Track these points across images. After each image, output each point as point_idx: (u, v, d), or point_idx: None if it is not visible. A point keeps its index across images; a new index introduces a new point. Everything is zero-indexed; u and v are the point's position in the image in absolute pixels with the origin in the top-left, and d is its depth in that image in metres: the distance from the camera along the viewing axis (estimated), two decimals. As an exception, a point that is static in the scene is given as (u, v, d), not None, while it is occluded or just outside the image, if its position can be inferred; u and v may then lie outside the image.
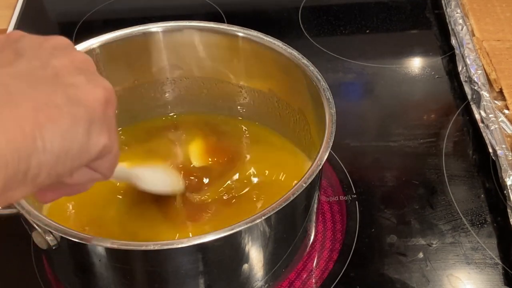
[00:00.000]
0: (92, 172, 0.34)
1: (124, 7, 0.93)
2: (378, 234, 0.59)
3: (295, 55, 0.55)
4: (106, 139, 0.32)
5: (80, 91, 0.31)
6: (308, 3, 0.91)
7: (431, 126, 0.72)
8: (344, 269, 0.56)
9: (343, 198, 0.62)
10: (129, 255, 0.44)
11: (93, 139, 0.31)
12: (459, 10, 0.81)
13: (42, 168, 0.28)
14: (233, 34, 0.58)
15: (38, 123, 0.28)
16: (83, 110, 0.30)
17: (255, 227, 0.44)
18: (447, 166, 0.66)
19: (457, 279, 0.55)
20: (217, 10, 0.88)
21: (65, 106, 0.29)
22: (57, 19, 0.93)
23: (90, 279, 0.48)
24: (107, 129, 0.32)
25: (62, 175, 0.30)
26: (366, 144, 0.69)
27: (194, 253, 0.44)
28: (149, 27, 0.58)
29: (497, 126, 0.64)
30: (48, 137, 0.28)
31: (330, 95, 0.51)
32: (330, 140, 0.47)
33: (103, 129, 0.32)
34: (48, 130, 0.28)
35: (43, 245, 0.43)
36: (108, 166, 0.34)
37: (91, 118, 0.30)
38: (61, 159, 0.29)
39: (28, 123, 0.27)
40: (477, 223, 0.60)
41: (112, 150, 0.33)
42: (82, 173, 0.34)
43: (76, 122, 0.29)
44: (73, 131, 0.29)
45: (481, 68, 0.72)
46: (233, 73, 0.61)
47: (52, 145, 0.28)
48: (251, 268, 0.48)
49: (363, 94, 0.78)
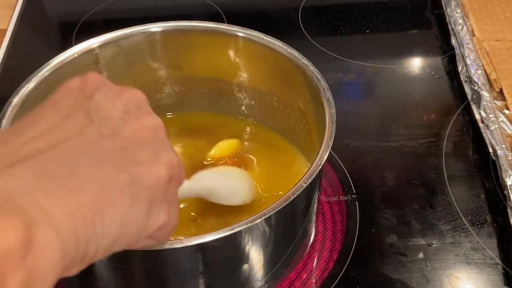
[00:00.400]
0: (148, 240, 0.34)
1: (124, 7, 0.93)
2: (378, 234, 0.59)
3: (295, 55, 0.55)
4: (166, 216, 0.32)
5: (144, 171, 0.30)
6: (308, 3, 0.91)
7: (431, 126, 0.72)
8: (344, 269, 0.56)
9: (343, 198, 0.62)
10: (129, 255, 0.44)
11: (152, 217, 0.31)
12: (459, 10, 0.81)
13: (99, 251, 0.28)
14: (233, 34, 0.58)
15: (99, 208, 0.27)
16: (145, 191, 0.30)
17: (255, 227, 0.44)
18: (447, 166, 0.66)
19: (457, 279, 0.55)
20: (217, 10, 0.88)
21: (128, 188, 0.29)
22: (57, 19, 0.93)
23: (90, 279, 0.48)
24: (167, 205, 0.32)
25: (118, 250, 0.30)
26: (366, 144, 0.69)
27: (194, 253, 0.44)
28: (149, 27, 0.58)
29: (497, 126, 0.64)
30: (108, 222, 0.28)
31: (330, 95, 0.51)
32: (330, 140, 0.47)
33: (163, 206, 0.31)
34: (109, 215, 0.28)
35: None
36: (164, 236, 0.34)
37: (152, 198, 0.30)
38: (118, 240, 0.29)
39: (90, 208, 0.27)
40: (477, 223, 0.60)
41: (171, 224, 0.33)
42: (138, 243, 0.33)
43: (137, 205, 0.29)
44: (133, 214, 0.29)
45: (481, 68, 0.72)
46: (233, 73, 0.61)
47: (111, 230, 0.28)
48: (251, 268, 0.48)
49: (363, 94, 0.78)
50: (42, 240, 0.24)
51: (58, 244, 0.25)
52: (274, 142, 0.63)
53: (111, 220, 0.28)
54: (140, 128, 0.32)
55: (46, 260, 0.25)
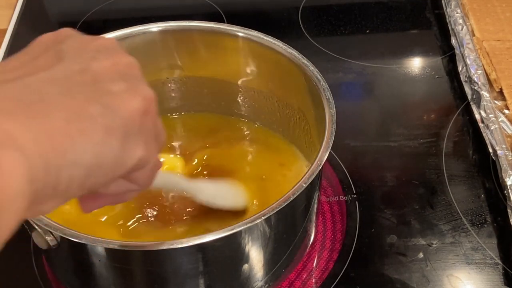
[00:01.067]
0: (128, 183, 0.33)
1: (124, 7, 0.93)
2: (378, 234, 0.59)
3: (295, 55, 0.55)
4: (143, 151, 0.30)
5: (117, 101, 0.29)
6: (308, 3, 0.91)
7: (431, 126, 0.72)
8: (344, 269, 0.56)
9: (343, 198, 0.62)
10: (129, 255, 0.44)
11: (128, 151, 0.29)
12: (459, 10, 0.81)
13: (72, 181, 0.27)
14: (233, 34, 0.58)
15: (69, 135, 0.26)
16: (119, 121, 0.28)
17: (255, 227, 0.44)
18: (447, 166, 0.66)
19: (457, 279, 0.55)
20: (217, 10, 0.88)
21: (100, 117, 0.28)
22: (57, 19, 0.93)
23: (90, 279, 0.48)
24: (144, 141, 0.30)
25: (95, 188, 0.29)
26: (366, 144, 0.69)
27: (194, 253, 0.44)
28: (149, 27, 0.58)
29: (497, 126, 0.64)
30: (80, 151, 0.26)
31: (330, 95, 0.51)
32: (330, 140, 0.47)
33: (139, 140, 0.30)
34: (80, 143, 0.27)
35: (43, 245, 0.43)
36: (145, 177, 0.33)
37: (126, 129, 0.29)
38: (93, 172, 0.28)
39: (59, 135, 0.26)
40: (477, 223, 0.60)
41: (149, 162, 0.32)
42: (118, 184, 0.32)
43: (110, 135, 0.28)
44: (106, 144, 0.28)
45: (481, 68, 0.72)
46: (233, 73, 0.61)
47: (83, 158, 0.27)
48: (251, 268, 0.48)
49: (363, 94, 0.78)
50: (5, 161, 0.23)
51: (25, 167, 0.24)
52: (274, 142, 0.63)
53: (83, 149, 0.27)
54: (113, 64, 0.31)
55: (13, 182, 0.23)
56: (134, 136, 0.29)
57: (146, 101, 0.30)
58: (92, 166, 0.27)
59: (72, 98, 0.27)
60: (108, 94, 0.29)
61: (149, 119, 0.31)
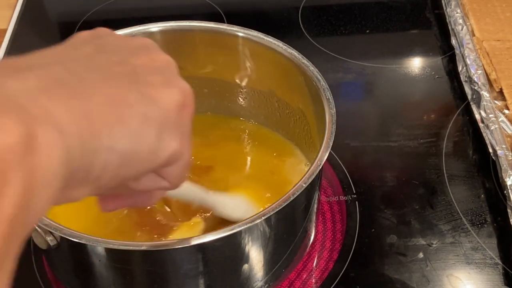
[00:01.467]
0: (160, 179, 0.32)
1: (124, 7, 0.93)
2: (378, 234, 0.59)
3: (295, 55, 0.55)
4: (178, 144, 0.30)
5: (156, 91, 0.29)
6: (308, 3, 0.91)
7: (431, 126, 0.72)
8: (344, 269, 0.56)
9: (343, 198, 0.62)
10: (129, 255, 0.44)
11: (164, 143, 0.29)
12: (459, 10, 0.81)
13: (107, 168, 0.27)
14: (233, 34, 0.58)
15: (107, 119, 0.26)
16: (156, 111, 0.28)
17: (255, 227, 0.44)
18: (447, 166, 0.66)
19: (457, 279, 0.55)
20: (217, 10, 0.88)
21: (138, 105, 0.28)
22: (57, 19, 0.93)
23: (90, 279, 0.48)
24: (180, 134, 0.30)
25: (127, 178, 0.29)
26: (366, 144, 0.69)
27: (194, 253, 0.44)
28: (149, 27, 0.58)
29: (497, 126, 0.64)
30: (116, 136, 0.26)
31: (330, 95, 0.51)
32: (330, 140, 0.47)
33: (175, 133, 0.30)
34: (117, 128, 0.26)
35: (43, 245, 0.43)
36: (177, 174, 0.32)
37: (163, 120, 0.29)
38: (127, 160, 0.27)
39: (97, 119, 0.26)
40: (477, 223, 0.60)
41: (183, 157, 0.31)
42: (149, 179, 0.32)
43: (147, 123, 0.28)
44: (143, 133, 0.28)
45: (481, 68, 0.72)
46: (233, 73, 0.61)
47: (119, 144, 0.27)
48: (251, 268, 0.48)
49: (363, 94, 0.78)
50: (44, 139, 0.23)
51: (62, 147, 0.23)
52: (274, 142, 0.63)
53: (120, 135, 0.27)
54: (151, 60, 0.31)
55: (49, 160, 0.23)
56: (170, 128, 0.29)
57: (184, 94, 0.30)
58: (127, 153, 0.27)
59: (112, 86, 0.27)
60: (147, 84, 0.29)
61: (185, 113, 0.31)
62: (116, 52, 0.30)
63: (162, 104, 0.29)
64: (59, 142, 0.23)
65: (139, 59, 0.30)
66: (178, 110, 0.30)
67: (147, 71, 0.30)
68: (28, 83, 0.24)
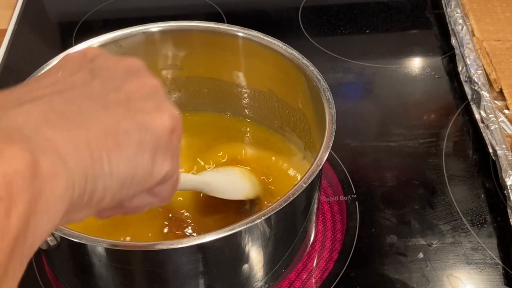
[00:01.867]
0: (151, 197, 0.34)
1: (124, 7, 0.93)
2: (378, 234, 0.59)
3: (295, 55, 0.55)
4: (169, 165, 0.32)
5: (149, 118, 0.31)
6: (308, 3, 0.91)
7: (431, 126, 0.72)
8: (344, 269, 0.56)
9: (343, 198, 0.62)
10: (129, 255, 0.44)
11: (158, 165, 0.31)
12: (459, 10, 0.81)
13: (107, 192, 0.29)
14: (233, 34, 0.58)
15: (107, 147, 0.28)
16: (150, 137, 0.31)
17: (255, 227, 0.44)
18: (447, 166, 0.66)
19: (457, 279, 0.55)
20: (217, 10, 0.88)
21: (134, 132, 0.30)
22: (57, 19, 0.93)
23: (90, 279, 0.48)
24: (170, 156, 0.32)
25: (124, 199, 0.31)
26: (366, 144, 0.69)
27: (194, 253, 0.44)
28: (149, 27, 0.58)
29: (497, 126, 0.64)
30: (115, 162, 0.29)
31: (330, 95, 0.51)
32: (330, 140, 0.47)
33: (167, 155, 0.32)
34: (116, 155, 0.29)
35: (43, 245, 0.43)
36: (168, 191, 0.35)
37: (156, 145, 0.31)
38: (126, 184, 0.30)
39: (97, 146, 0.28)
40: (477, 223, 0.60)
41: (174, 176, 0.34)
42: (142, 198, 0.34)
43: (143, 149, 0.30)
44: (139, 158, 0.30)
45: (481, 68, 0.72)
46: (233, 73, 0.61)
47: (118, 170, 0.29)
48: (251, 268, 0.48)
49: (363, 94, 0.78)
50: (49, 166, 0.25)
51: (65, 174, 0.26)
52: (274, 142, 0.63)
53: (118, 161, 0.29)
54: (143, 84, 0.33)
55: (53, 186, 0.25)
56: (163, 151, 0.32)
57: (174, 119, 0.33)
58: (126, 178, 0.30)
59: (109, 115, 0.30)
60: (140, 111, 0.31)
61: (175, 137, 0.33)
62: (109, 78, 0.32)
63: (154, 130, 0.31)
64: (62, 169, 0.26)
65: (131, 85, 0.32)
66: (169, 134, 0.32)
67: (139, 96, 0.32)
68: (31, 116, 0.26)
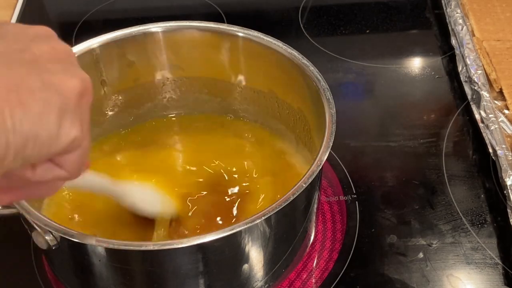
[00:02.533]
0: (57, 168, 0.33)
1: (124, 7, 0.93)
2: (378, 234, 0.59)
3: (295, 55, 0.55)
4: (78, 131, 0.31)
5: (56, 78, 0.30)
6: (308, 3, 0.91)
7: (431, 126, 0.72)
8: (344, 269, 0.56)
9: (343, 198, 0.62)
10: (129, 255, 0.44)
11: (64, 128, 0.30)
12: (459, 10, 0.81)
13: (9, 148, 0.28)
14: (233, 34, 0.58)
15: (9, 103, 0.28)
16: (57, 97, 0.30)
17: (255, 227, 0.44)
18: (447, 166, 0.66)
19: (457, 279, 0.55)
20: (217, 10, 0.88)
21: (39, 90, 0.29)
22: (57, 19, 0.93)
23: (90, 279, 0.48)
24: (79, 121, 0.31)
25: (28, 160, 0.30)
26: (366, 144, 0.69)
27: (194, 253, 0.44)
28: (149, 27, 0.58)
29: (497, 126, 0.64)
30: (18, 118, 0.28)
31: (330, 95, 0.51)
32: (330, 140, 0.47)
33: (75, 120, 0.31)
34: (19, 111, 0.28)
35: (43, 245, 0.43)
36: (75, 162, 0.33)
37: (64, 106, 0.30)
38: (29, 143, 0.29)
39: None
40: (477, 223, 0.60)
41: (82, 145, 0.33)
42: (46, 168, 0.33)
43: (48, 108, 0.29)
44: (44, 117, 0.29)
45: (481, 68, 0.72)
46: (233, 73, 0.61)
47: (22, 126, 0.28)
48: (251, 268, 0.48)
49: (363, 94, 0.78)
50: None
51: None
52: (274, 142, 0.63)
53: (22, 118, 0.28)
54: (51, 48, 0.32)
55: None
56: (71, 114, 0.31)
57: (84, 83, 0.32)
58: (29, 136, 0.29)
59: (13, 71, 0.29)
60: (47, 72, 0.30)
61: (85, 102, 0.32)
62: (16, 40, 0.31)
63: (62, 91, 0.30)
64: None
65: (40, 48, 0.31)
66: (78, 98, 0.31)
67: (48, 59, 0.31)
68: None
